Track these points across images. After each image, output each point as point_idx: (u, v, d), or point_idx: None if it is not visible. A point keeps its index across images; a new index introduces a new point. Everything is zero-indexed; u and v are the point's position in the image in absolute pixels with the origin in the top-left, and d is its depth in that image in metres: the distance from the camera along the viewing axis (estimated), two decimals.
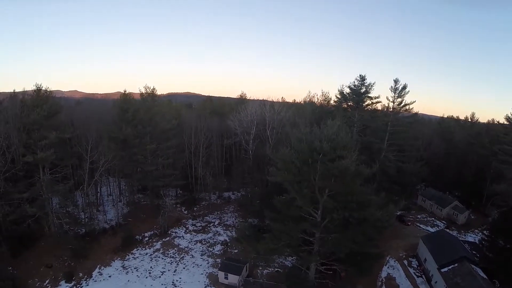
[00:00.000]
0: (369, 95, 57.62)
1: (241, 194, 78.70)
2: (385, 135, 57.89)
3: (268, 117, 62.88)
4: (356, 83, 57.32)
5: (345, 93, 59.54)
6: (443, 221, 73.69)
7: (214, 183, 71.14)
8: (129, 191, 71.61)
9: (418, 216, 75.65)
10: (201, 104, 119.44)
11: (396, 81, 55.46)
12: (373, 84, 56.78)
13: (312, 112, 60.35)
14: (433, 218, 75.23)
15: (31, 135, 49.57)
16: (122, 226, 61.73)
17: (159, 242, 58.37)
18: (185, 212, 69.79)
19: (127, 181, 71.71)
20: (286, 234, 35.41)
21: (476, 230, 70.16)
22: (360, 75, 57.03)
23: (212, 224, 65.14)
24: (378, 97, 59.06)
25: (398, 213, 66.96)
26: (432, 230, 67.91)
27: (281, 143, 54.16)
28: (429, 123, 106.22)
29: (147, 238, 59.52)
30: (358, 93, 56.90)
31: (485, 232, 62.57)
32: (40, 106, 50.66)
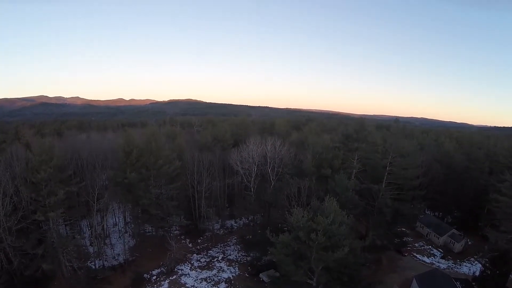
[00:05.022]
0: (368, 138, 59.32)
1: (243, 222, 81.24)
2: (383, 174, 59.63)
3: (269, 157, 64.85)
4: (357, 127, 59.08)
5: (346, 135, 61.43)
6: (440, 249, 75.49)
7: (217, 218, 73.57)
8: (134, 223, 73.42)
9: (416, 244, 77.45)
10: (202, 130, 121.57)
11: (396, 121, 57.14)
12: (373, 132, 58.46)
13: (312, 158, 62.09)
14: (430, 246, 76.94)
15: (40, 192, 51.20)
16: (130, 263, 63.92)
17: (166, 281, 59.92)
18: (190, 244, 71.82)
19: (132, 214, 73.54)
20: None
21: (472, 259, 71.87)
22: (361, 119, 58.83)
23: (216, 259, 66.92)
24: (375, 141, 60.77)
25: (396, 241, 69.17)
26: (428, 260, 69.99)
27: (281, 190, 56.64)
28: (428, 146, 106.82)
29: (154, 277, 61.09)
30: (358, 137, 58.67)
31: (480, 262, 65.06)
32: (46, 162, 52.05)
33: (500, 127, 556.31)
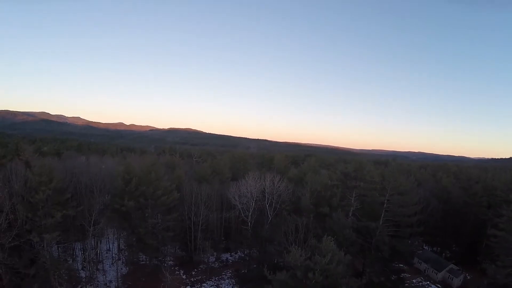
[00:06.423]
0: (366, 177, 60.07)
1: (239, 256, 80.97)
2: (381, 211, 59.93)
3: (268, 192, 65.16)
4: (356, 166, 60.00)
5: (344, 173, 62.19)
6: (438, 285, 75.00)
7: (212, 251, 73.04)
8: (129, 250, 72.50)
9: (414, 280, 76.54)
10: (202, 162, 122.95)
11: (394, 159, 58.17)
12: (371, 170, 59.34)
13: (310, 196, 62.69)
14: (428, 282, 76.27)
15: (36, 212, 51.00)
16: None
17: None
18: (184, 276, 70.55)
19: (126, 241, 72.68)
20: None
21: None
22: (360, 160, 59.92)
23: None
24: (373, 179, 61.47)
25: (393, 278, 68.39)
26: None
27: (278, 226, 56.72)
28: (426, 182, 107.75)
29: None
30: (357, 176, 59.47)
31: None
32: (45, 183, 52.15)
33: (497, 158, 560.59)
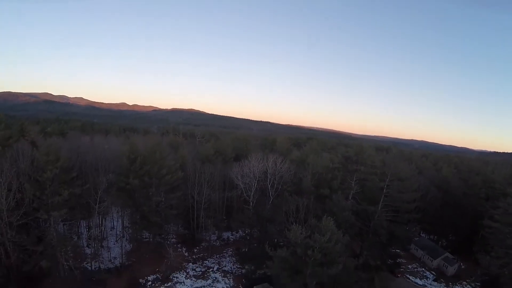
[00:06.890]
0: (367, 161, 61.05)
1: (240, 235, 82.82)
2: (380, 196, 61.05)
3: (270, 173, 66.29)
4: (357, 150, 60.93)
5: (345, 156, 63.17)
6: (433, 272, 76.77)
7: (214, 229, 74.80)
8: (132, 228, 74.24)
9: (409, 266, 78.47)
10: (205, 142, 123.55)
11: (395, 146, 58.94)
12: (372, 155, 60.21)
13: (312, 178, 63.86)
14: (423, 269, 78.14)
15: (44, 190, 52.25)
16: (126, 267, 64.78)
17: None
18: (186, 253, 72.71)
19: (130, 219, 74.36)
20: None
21: (464, 282, 73.24)
22: (361, 144, 60.69)
23: (211, 269, 67.72)
24: (374, 164, 62.47)
25: (389, 262, 70.06)
26: (420, 282, 71.25)
27: (279, 206, 58.09)
28: (427, 170, 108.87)
29: (150, 283, 61.53)
30: (358, 160, 60.43)
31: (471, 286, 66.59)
32: (52, 162, 53.27)
33: (499, 152, 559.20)
